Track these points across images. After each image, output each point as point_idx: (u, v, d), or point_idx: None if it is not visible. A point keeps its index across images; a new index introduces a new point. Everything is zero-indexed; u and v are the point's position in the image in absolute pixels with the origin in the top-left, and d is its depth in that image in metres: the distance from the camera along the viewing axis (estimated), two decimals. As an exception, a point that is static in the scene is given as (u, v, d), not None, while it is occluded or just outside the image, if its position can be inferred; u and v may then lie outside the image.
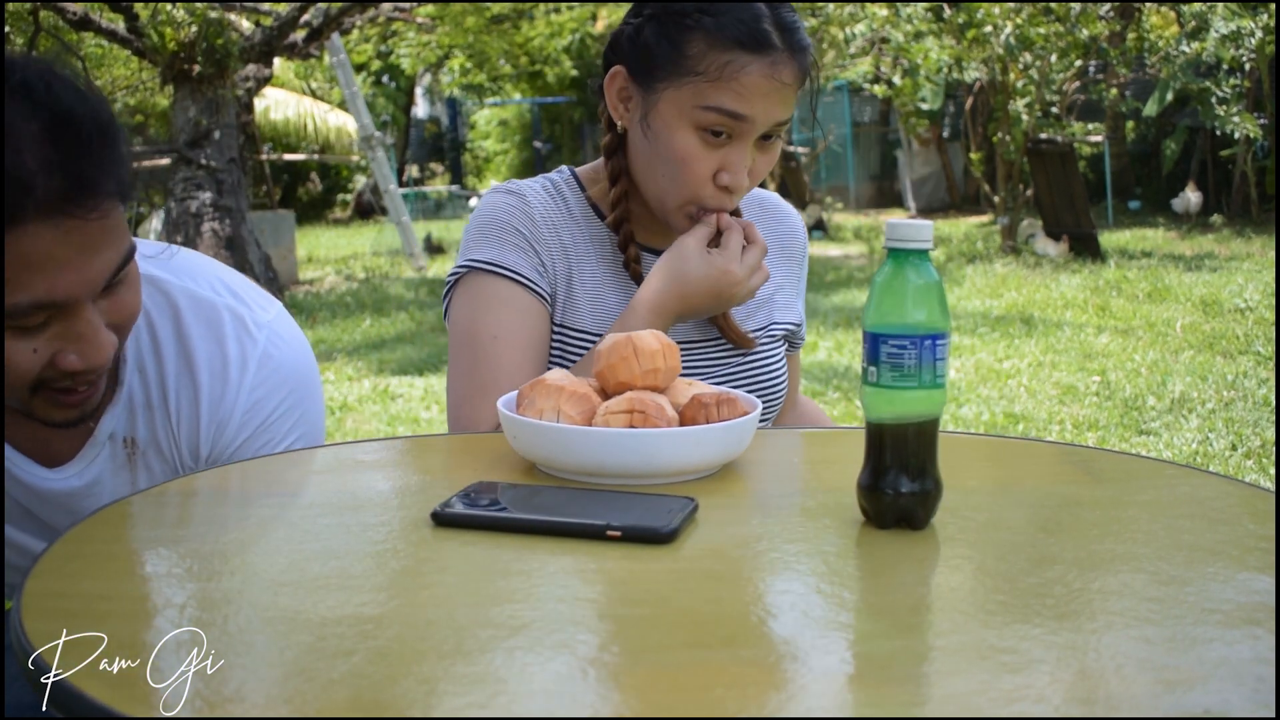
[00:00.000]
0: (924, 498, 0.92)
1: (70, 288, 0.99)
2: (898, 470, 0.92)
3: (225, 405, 1.22)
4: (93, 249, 0.99)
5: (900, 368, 0.91)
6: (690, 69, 1.30)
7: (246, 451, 1.24)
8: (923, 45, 11.33)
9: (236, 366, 1.22)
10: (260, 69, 9.42)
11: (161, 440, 1.23)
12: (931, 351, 0.91)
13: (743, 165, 1.32)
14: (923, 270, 0.91)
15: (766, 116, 1.31)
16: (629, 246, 1.43)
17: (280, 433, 1.26)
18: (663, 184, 1.36)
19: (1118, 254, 10.08)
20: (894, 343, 0.91)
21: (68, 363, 1.03)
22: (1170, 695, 0.63)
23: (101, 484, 1.23)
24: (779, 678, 0.66)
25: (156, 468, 1.25)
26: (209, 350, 1.22)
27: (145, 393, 1.22)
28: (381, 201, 13.62)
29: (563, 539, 0.89)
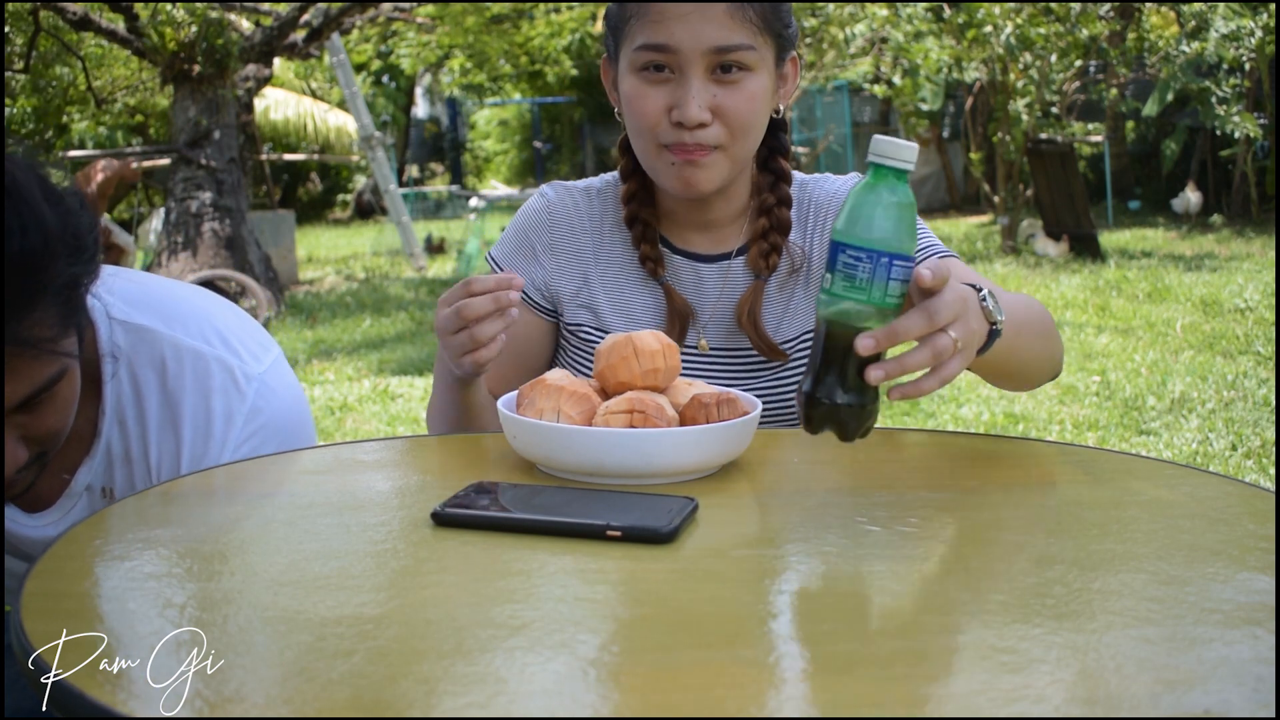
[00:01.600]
0: (856, 410, 0.93)
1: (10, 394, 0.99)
2: (836, 380, 0.93)
3: (208, 461, 1.19)
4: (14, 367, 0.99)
5: (853, 279, 0.92)
6: (625, 16, 1.31)
7: None
8: (923, 45, 11.33)
9: (221, 421, 1.20)
10: (260, 69, 9.42)
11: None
12: (886, 269, 0.91)
13: (690, 99, 1.27)
14: (897, 191, 0.93)
15: (693, 40, 1.26)
16: (641, 244, 1.42)
17: None
18: (637, 144, 1.35)
19: (1118, 254, 10.08)
20: (850, 253, 0.92)
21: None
22: (1170, 695, 0.63)
23: None
24: (779, 678, 0.66)
25: None
26: (194, 404, 1.19)
27: (125, 445, 1.20)
28: (381, 201, 13.62)
29: (563, 539, 0.89)
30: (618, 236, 1.44)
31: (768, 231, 1.41)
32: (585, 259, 1.44)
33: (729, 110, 1.29)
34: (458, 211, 17.31)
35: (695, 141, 1.29)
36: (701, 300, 1.43)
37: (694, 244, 1.44)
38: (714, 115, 1.29)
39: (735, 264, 1.43)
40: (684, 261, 1.43)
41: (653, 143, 1.32)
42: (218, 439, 1.19)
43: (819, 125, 16.80)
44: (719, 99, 1.28)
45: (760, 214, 1.42)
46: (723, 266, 1.43)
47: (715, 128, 1.29)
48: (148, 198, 13.15)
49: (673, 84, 1.29)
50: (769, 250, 1.40)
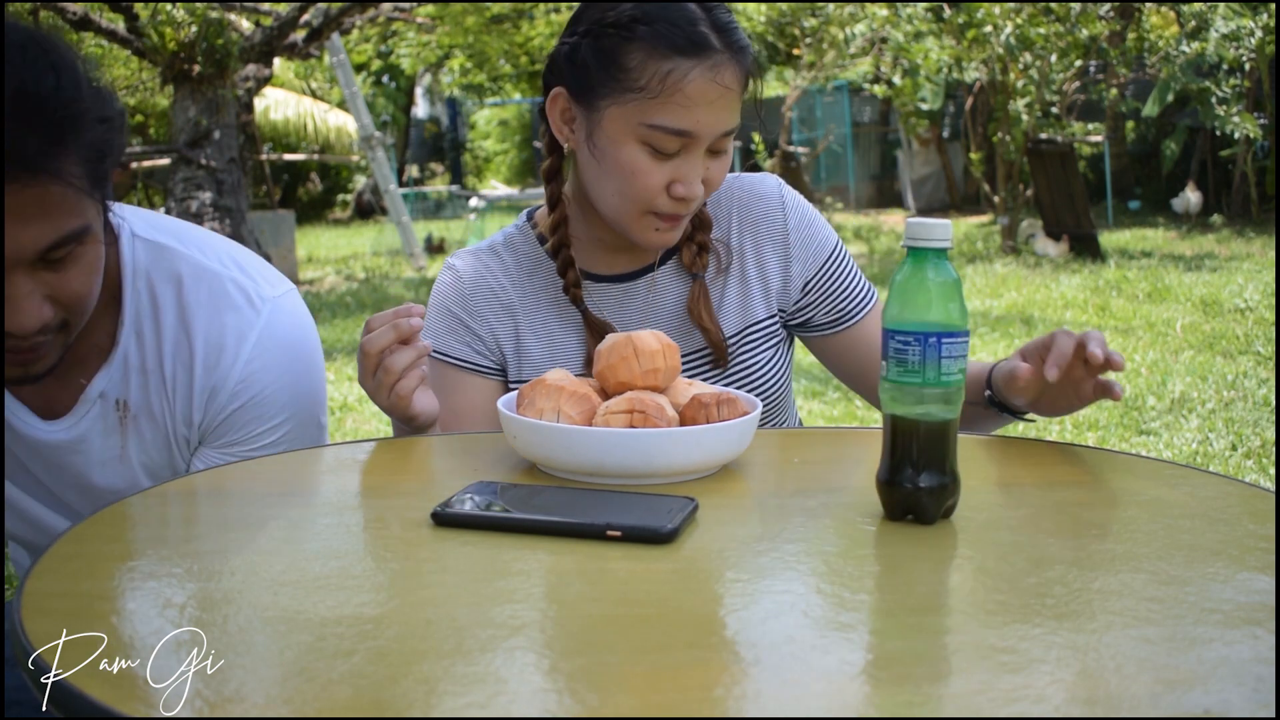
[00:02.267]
0: (933, 493, 0.92)
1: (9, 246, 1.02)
2: (907, 464, 0.93)
3: (219, 373, 1.23)
4: (20, 218, 1.02)
5: (905, 363, 0.92)
6: (631, 84, 1.26)
7: (236, 423, 1.25)
8: (923, 45, 11.33)
9: (234, 336, 1.24)
10: (260, 69, 9.42)
11: (155, 406, 1.25)
12: (937, 349, 0.91)
13: (695, 176, 1.29)
14: (938, 269, 0.93)
15: (712, 127, 1.27)
16: (567, 271, 1.40)
17: (274, 409, 1.26)
18: (614, 201, 1.33)
19: (1118, 254, 10.08)
20: (900, 339, 0.93)
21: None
22: (1170, 695, 0.63)
23: (89, 441, 1.25)
24: (779, 678, 0.66)
25: (148, 434, 1.26)
26: (208, 319, 1.24)
27: (141, 357, 1.24)
28: (381, 201, 13.62)
29: (563, 539, 0.89)
30: (530, 283, 1.43)
31: (694, 232, 1.42)
32: (509, 316, 1.42)
33: (713, 179, 1.32)
34: (458, 211, 17.31)
35: (684, 211, 1.32)
36: (625, 318, 1.43)
37: (615, 266, 1.44)
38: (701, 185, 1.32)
39: (660, 273, 1.44)
40: (605, 286, 1.44)
41: (641, 208, 1.31)
42: (230, 353, 1.23)
43: (819, 125, 16.81)
44: (709, 170, 1.31)
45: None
46: (646, 280, 1.44)
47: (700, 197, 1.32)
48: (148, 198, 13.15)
49: (676, 160, 1.28)
50: (698, 250, 1.42)
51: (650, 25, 1.25)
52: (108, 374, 1.24)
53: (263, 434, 1.27)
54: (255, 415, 1.26)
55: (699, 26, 1.25)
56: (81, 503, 1.32)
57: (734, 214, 1.46)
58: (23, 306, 1.06)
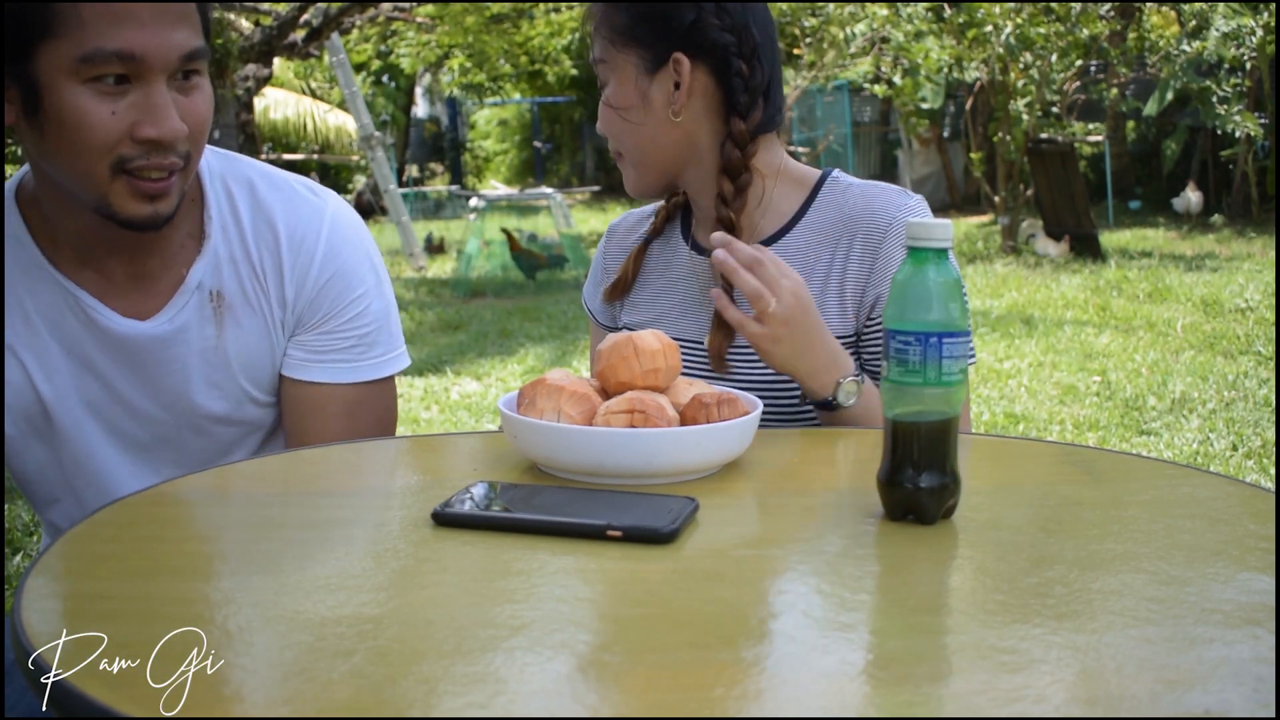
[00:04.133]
0: (933, 493, 0.92)
1: (147, 47, 1.11)
2: (908, 464, 0.93)
3: (305, 254, 1.32)
4: (170, 22, 1.13)
5: (905, 363, 0.92)
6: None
7: (327, 299, 1.34)
8: (923, 45, 11.32)
9: (311, 221, 1.34)
10: (260, 69, 9.42)
11: (249, 293, 1.32)
12: (938, 349, 0.91)
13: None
14: (940, 269, 0.93)
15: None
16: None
17: (356, 280, 1.35)
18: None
19: (1118, 254, 10.08)
20: (900, 338, 0.93)
21: (144, 131, 1.13)
22: (1170, 695, 0.63)
23: (189, 331, 1.31)
24: (779, 678, 0.66)
25: (245, 322, 1.33)
26: (284, 210, 1.33)
27: (229, 248, 1.31)
28: (381, 201, 13.62)
29: (563, 539, 0.89)
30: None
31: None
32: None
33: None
34: (458, 211, 17.31)
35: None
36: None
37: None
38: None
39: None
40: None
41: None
42: (311, 236, 1.33)
43: (819, 125, 16.80)
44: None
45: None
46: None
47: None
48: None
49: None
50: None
51: None
52: (203, 264, 1.30)
53: (351, 305, 1.35)
54: (343, 287, 1.34)
55: None
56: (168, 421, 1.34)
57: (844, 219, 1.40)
58: (168, 112, 1.14)
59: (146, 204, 1.17)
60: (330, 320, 1.34)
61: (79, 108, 1.12)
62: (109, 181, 1.15)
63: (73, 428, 1.32)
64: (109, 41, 1.09)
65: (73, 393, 1.31)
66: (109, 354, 1.30)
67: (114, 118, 1.12)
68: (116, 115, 1.12)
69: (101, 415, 1.33)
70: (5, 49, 1.12)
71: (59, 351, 1.29)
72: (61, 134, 1.13)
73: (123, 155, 1.14)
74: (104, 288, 1.28)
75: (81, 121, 1.12)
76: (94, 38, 1.09)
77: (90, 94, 1.12)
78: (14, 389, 1.29)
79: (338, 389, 1.35)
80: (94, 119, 1.12)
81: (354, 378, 1.35)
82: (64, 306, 1.28)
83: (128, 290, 1.29)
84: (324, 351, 1.34)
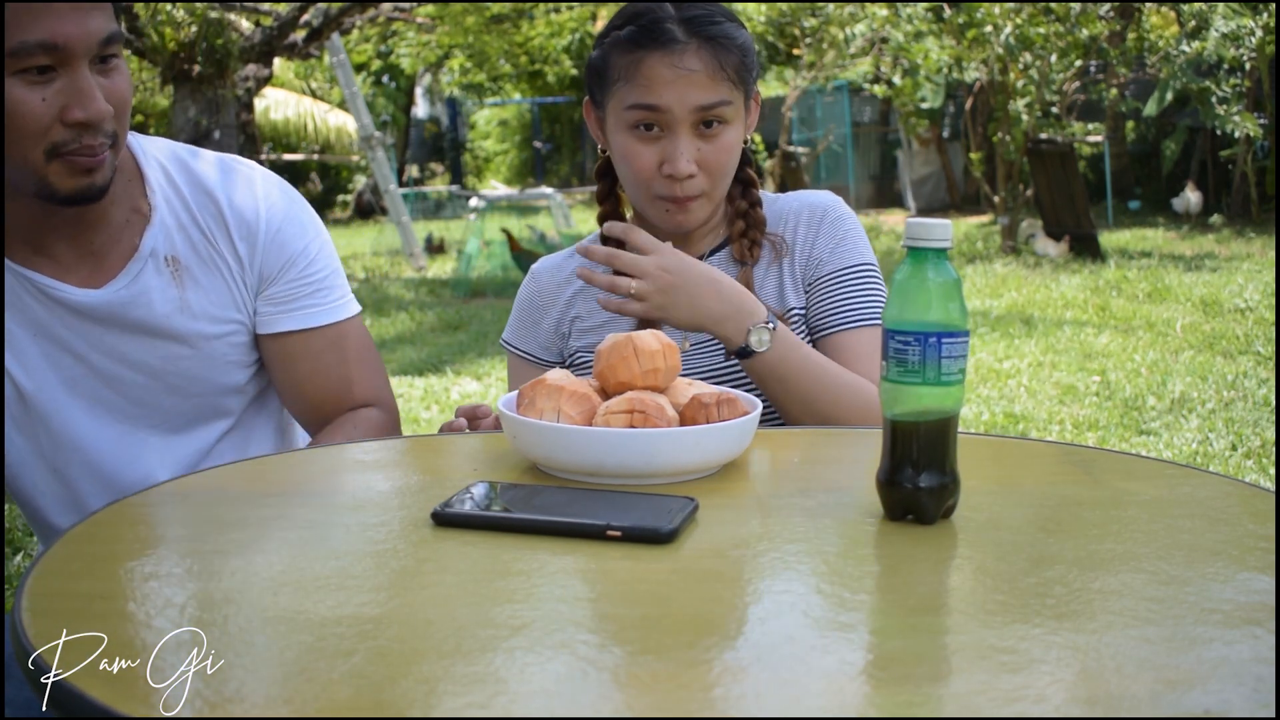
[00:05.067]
0: (933, 493, 0.92)
1: (69, 36, 1.18)
2: (907, 464, 0.93)
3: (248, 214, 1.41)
4: (86, 10, 1.20)
5: (905, 363, 0.92)
6: (614, 77, 1.44)
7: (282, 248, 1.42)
8: (923, 45, 11.33)
9: (244, 184, 1.43)
10: (260, 69, 9.42)
11: (203, 254, 1.40)
12: (937, 349, 0.91)
13: (681, 155, 1.41)
14: (938, 269, 0.93)
15: (680, 103, 1.40)
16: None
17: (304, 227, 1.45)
18: (630, 189, 1.50)
19: (1118, 254, 10.08)
20: (899, 338, 0.93)
21: (72, 115, 1.20)
22: (1170, 695, 0.63)
23: (150, 294, 1.37)
24: (779, 678, 0.66)
25: (204, 281, 1.40)
26: (218, 178, 1.42)
27: (175, 216, 1.39)
28: (381, 201, 13.62)
29: (563, 539, 0.89)
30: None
31: (747, 229, 1.54)
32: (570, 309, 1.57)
33: (711, 161, 1.44)
34: (458, 211, 17.31)
35: (685, 193, 1.43)
36: None
37: None
38: (698, 167, 1.43)
39: (715, 260, 1.55)
40: None
41: (647, 192, 1.46)
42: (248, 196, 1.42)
43: (819, 125, 16.80)
44: (703, 152, 1.43)
45: (737, 218, 1.54)
46: None
47: (699, 178, 1.43)
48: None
49: (662, 140, 1.42)
50: (750, 244, 1.53)
51: (624, 28, 1.44)
52: (152, 233, 1.37)
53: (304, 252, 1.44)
54: (292, 235, 1.43)
55: (664, 23, 1.41)
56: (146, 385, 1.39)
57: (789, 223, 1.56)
58: (94, 95, 1.21)
59: (83, 176, 1.24)
60: (290, 269, 1.43)
61: (11, 98, 1.19)
62: (45, 165, 1.23)
63: (51, 408, 1.37)
64: (32, 34, 1.17)
65: (50, 375, 1.36)
66: (77, 328, 1.35)
67: (44, 104, 1.20)
68: (46, 102, 1.20)
69: (79, 392, 1.37)
70: None
71: (27, 337, 1.34)
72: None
73: (55, 141, 1.21)
74: (54, 268, 1.34)
75: (15, 111, 1.20)
76: (17, 32, 1.17)
77: (20, 84, 1.19)
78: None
79: (316, 332, 1.45)
80: (26, 108, 1.19)
81: (327, 319, 1.45)
82: (21, 291, 1.33)
83: (77, 267, 1.35)
84: (293, 299, 1.44)
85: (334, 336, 1.46)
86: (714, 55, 1.41)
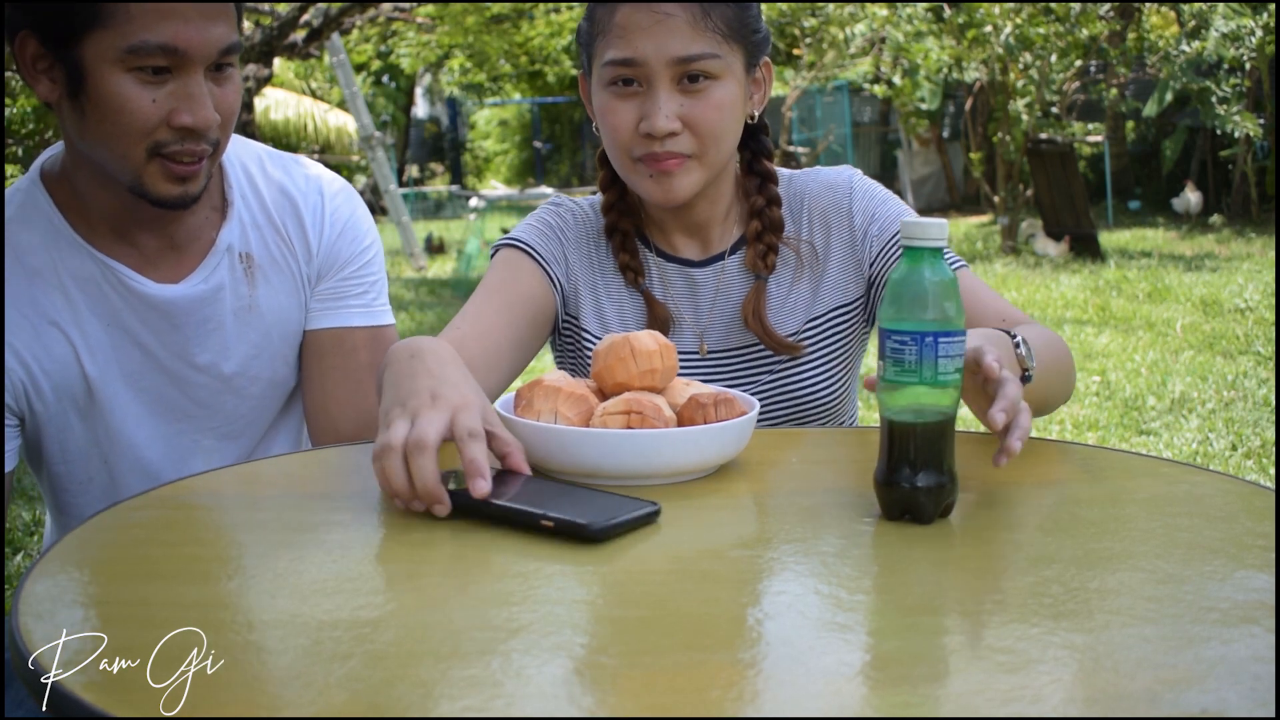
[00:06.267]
0: (930, 492, 0.93)
1: (190, 41, 1.20)
2: (905, 464, 0.93)
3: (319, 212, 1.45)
4: (210, 17, 1.22)
5: (901, 363, 0.92)
6: (594, 33, 1.34)
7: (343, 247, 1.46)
8: (923, 45, 11.32)
9: (314, 186, 1.47)
10: (260, 69, 9.41)
11: (275, 253, 1.43)
12: (934, 349, 0.91)
13: (658, 109, 1.29)
14: (934, 268, 0.93)
15: (657, 52, 1.28)
16: (620, 253, 1.44)
17: (361, 231, 1.48)
18: (612, 157, 1.38)
19: (1118, 254, 10.08)
20: (896, 338, 0.93)
21: (180, 119, 1.22)
22: (1169, 694, 0.63)
23: (223, 291, 1.39)
24: (777, 679, 0.66)
25: (274, 280, 1.43)
26: (294, 178, 1.46)
27: (251, 214, 1.42)
28: (381, 201, 13.62)
29: (560, 538, 0.89)
30: (600, 248, 1.48)
31: (761, 233, 1.42)
32: (593, 266, 1.47)
33: (697, 119, 1.31)
34: (458, 211, 17.31)
35: (666, 151, 1.30)
36: (697, 304, 1.44)
37: (684, 250, 1.46)
38: (683, 125, 1.30)
39: (729, 264, 1.44)
40: (676, 268, 1.45)
41: (626, 156, 1.34)
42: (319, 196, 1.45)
43: (819, 125, 16.80)
44: (686, 109, 1.30)
45: (752, 216, 1.43)
46: (716, 269, 1.44)
47: (685, 137, 1.31)
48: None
49: (641, 97, 1.31)
50: (765, 250, 1.42)
51: None
52: (229, 229, 1.40)
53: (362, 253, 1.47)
54: (354, 236, 1.47)
55: None
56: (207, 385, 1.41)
57: (805, 211, 1.45)
58: (204, 102, 1.23)
59: (177, 185, 1.26)
60: (346, 267, 1.46)
61: (121, 94, 1.21)
62: (144, 163, 1.24)
63: (112, 400, 1.37)
64: (154, 35, 1.18)
65: (114, 366, 1.36)
66: (148, 322, 1.36)
67: (154, 105, 1.21)
68: (156, 103, 1.21)
69: (141, 386, 1.38)
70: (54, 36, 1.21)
71: (98, 325, 1.35)
72: (103, 117, 1.22)
73: (159, 140, 1.23)
74: (137, 259, 1.35)
75: (124, 107, 1.21)
76: (140, 31, 1.18)
77: (133, 82, 1.20)
78: (61, 365, 1.34)
79: (356, 332, 1.46)
80: (135, 105, 1.21)
81: (368, 321, 1.47)
82: (100, 280, 1.34)
83: (159, 260, 1.36)
84: (342, 297, 1.46)
85: (370, 340, 1.46)
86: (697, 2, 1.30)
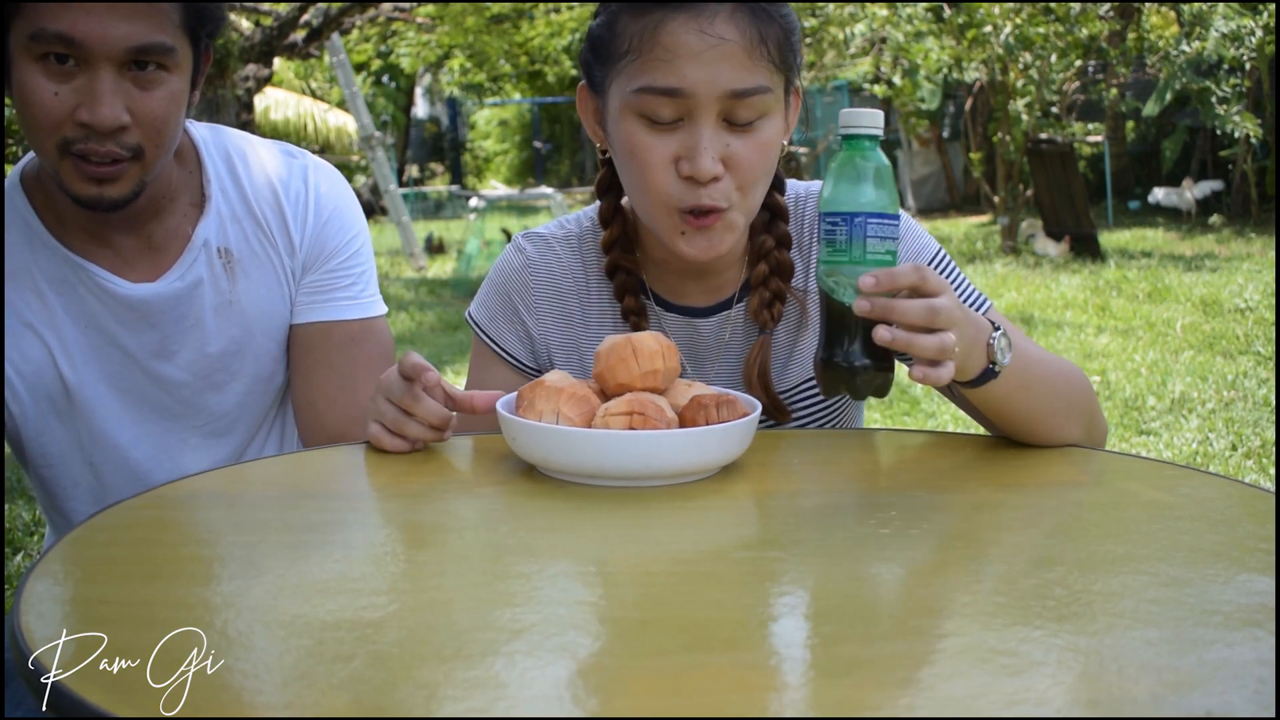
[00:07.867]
0: (863, 371, 0.97)
1: (88, 34, 1.16)
2: (839, 344, 0.98)
3: (303, 203, 1.41)
4: (122, 14, 1.16)
5: (833, 243, 0.97)
6: (620, 49, 1.14)
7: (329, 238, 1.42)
8: (923, 45, 11.32)
9: (299, 174, 1.42)
10: (260, 69, 9.41)
11: (256, 247, 1.39)
12: (863, 229, 0.96)
13: (703, 149, 1.10)
14: (868, 155, 0.98)
15: (710, 84, 1.09)
16: (624, 296, 1.28)
17: (349, 219, 1.44)
18: (637, 199, 1.19)
19: (1118, 254, 10.08)
20: (829, 219, 0.98)
21: (79, 115, 1.18)
22: (1171, 697, 0.63)
23: (202, 287, 1.36)
24: (779, 681, 0.66)
25: (255, 275, 1.39)
26: (276, 167, 1.42)
27: (230, 207, 1.39)
28: (381, 201, 13.61)
29: (561, 537, 0.89)
30: (604, 289, 1.31)
31: (768, 278, 1.26)
32: (572, 320, 1.31)
33: (741, 161, 1.13)
34: (458, 211, 17.30)
35: (711, 204, 1.13)
36: (700, 355, 1.31)
37: (688, 296, 1.30)
38: (725, 167, 1.13)
39: (735, 313, 1.29)
40: (678, 319, 1.30)
41: (663, 205, 1.15)
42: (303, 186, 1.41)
43: (819, 125, 16.80)
44: (732, 149, 1.12)
45: (759, 258, 1.27)
46: (721, 318, 1.30)
47: (725, 182, 1.13)
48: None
49: (681, 132, 1.13)
50: (771, 299, 1.26)
51: None
52: (206, 224, 1.36)
53: (349, 243, 1.43)
54: (340, 226, 1.43)
55: None
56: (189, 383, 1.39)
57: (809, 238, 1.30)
58: (104, 99, 1.17)
59: (93, 186, 1.22)
60: (333, 259, 1.42)
61: (27, 84, 1.19)
62: (59, 160, 1.21)
63: (93, 403, 1.36)
64: (52, 23, 1.16)
65: (94, 368, 1.35)
66: (126, 322, 1.34)
67: (56, 98, 1.18)
68: (59, 96, 1.18)
69: (123, 388, 1.37)
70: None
71: (76, 328, 1.33)
72: (21, 109, 1.21)
73: (66, 137, 1.19)
74: (113, 259, 1.33)
75: (29, 99, 1.19)
76: (43, 18, 1.16)
77: (39, 72, 1.18)
78: (36, 367, 1.33)
79: (343, 325, 1.43)
80: (39, 96, 1.18)
81: (357, 314, 1.43)
82: (75, 282, 1.32)
83: (136, 260, 1.34)
84: (328, 290, 1.42)
85: (356, 333, 1.43)
86: (754, 24, 1.11)
